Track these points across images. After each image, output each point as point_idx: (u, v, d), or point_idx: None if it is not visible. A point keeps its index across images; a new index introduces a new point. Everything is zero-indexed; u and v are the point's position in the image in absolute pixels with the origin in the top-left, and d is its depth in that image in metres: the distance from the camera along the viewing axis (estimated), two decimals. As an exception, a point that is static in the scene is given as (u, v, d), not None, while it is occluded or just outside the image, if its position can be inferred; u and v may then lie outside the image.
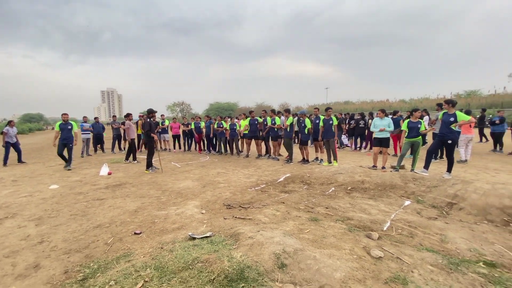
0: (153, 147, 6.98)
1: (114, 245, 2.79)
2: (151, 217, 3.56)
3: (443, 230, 3.14)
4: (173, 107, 61.36)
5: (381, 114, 6.45)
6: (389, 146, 6.57)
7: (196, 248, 2.45)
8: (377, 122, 6.47)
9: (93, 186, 5.41)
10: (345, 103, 43.66)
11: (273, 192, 4.72)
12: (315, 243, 2.46)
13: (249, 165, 7.42)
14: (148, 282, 2.02)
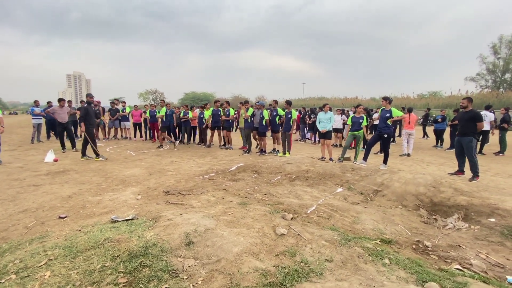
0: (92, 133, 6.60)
1: (33, 229, 2.76)
2: (83, 202, 3.53)
3: (359, 213, 3.49)
4: (145, 95, 58.90)
5: (326, 108, 6.82)
6: (330, 138, 6.98)
7: (113, 230, 2.51)
8: (321, 116, 6.84)
9: (34, 172, 5.17)
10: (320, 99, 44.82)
11: (220, 180, 4.85)
12: (230, 223, 2.63)
13: (207, 155, 7.49)
14: (52, 260, 2.06)
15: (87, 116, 6.31)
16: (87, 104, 6.53)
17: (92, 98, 6.71)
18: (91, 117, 6.46)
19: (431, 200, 3.80)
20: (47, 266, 1.98)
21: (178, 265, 1.99)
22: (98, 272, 1.90)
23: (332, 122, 6.73)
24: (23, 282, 1.80)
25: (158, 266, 1.94)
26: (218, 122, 8.64)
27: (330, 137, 6.82)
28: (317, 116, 6.98)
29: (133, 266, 1.92)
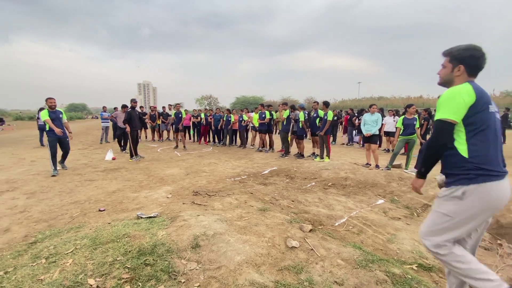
0: (136, 136, 7.13)
1: (76, 219, 3.14)
2: (122, 198, 3.89)
3: (398, 230, 3.01)
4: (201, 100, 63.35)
5: (372, 109, 6.14)
6: (377, 143, 6.25)
7: (134, 226, 2.67)
8: (366, 118, 6.19)
9: (93, 169, 5.97)
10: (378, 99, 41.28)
11: (250, 184, 4.81)
12: (242, 230, 2.54)
13: (244, 157, 7.55)
14: (78, 249, 2.28)
15: (130, 119, 6.97)
16: (131, 108, 7.19)
17: (136, 103, 7.38)
18: (134, 120, 7.03)
19: (498, 220, 3.04)
20: (72, 255, 2.20)
21: (179, 267, 1.99)
22: (109, 265, 2.02)
23: (379, 125, 6.05)
24: (49, 267, 2.03)
25: (160, 266, 1.97)
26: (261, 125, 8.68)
27: (376, 141, 6.15)
28: (362, 118, 6.37)
29: (138, 263, 1.99)
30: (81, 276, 1.91)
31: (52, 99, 5.50)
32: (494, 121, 1.46)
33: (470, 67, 1.53)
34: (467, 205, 1.40)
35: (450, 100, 1.44)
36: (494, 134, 1.44)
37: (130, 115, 7.02)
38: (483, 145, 1.41)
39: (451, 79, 1.59)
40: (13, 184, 4.68)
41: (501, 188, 1.40)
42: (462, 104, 1.41)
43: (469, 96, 1.42)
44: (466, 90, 1.43)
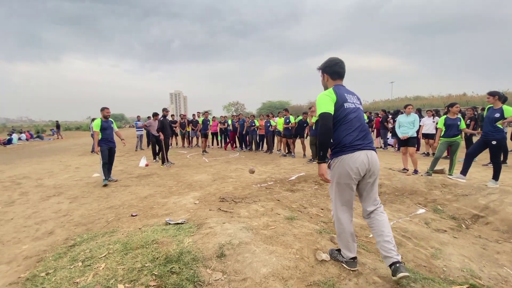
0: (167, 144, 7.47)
1: (111, 223, 3.30)
2: (153, 203, 4.03)
3: (443, 244, 2.70)
4: (228, 107, 64.81)
5: (408, 110, 5.66)
6: (415, 146, 5.73)
7: (163, 232, 2.72)
8: (401, 120, 5.72)
9: (128, 175, 6.32)
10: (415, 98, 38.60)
11: (277, 190, 4.71)
12: (268, 239, 2.44)
13: (271, 163, 7.46)
14: (111, 253, 2.37)
15: (163, 128, 7.29)
16: (163, 117, 7.55)
17: (167, 112, 7.74)
18: (166, 129, 7.39)
19: None
20: (105, 259, 2.28)
21: (205, 277, 1.96)
22: (138, 271, 2.06)
23: (416, 126, 5.58)
24: (84, 270, 2.13)
25: (185, 275, 1.95)
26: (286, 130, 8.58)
27: (414, 144, 5.67)
28: (397, 120, 5.93)
29: (165, 271, 2.00)
30: (112, 281, 1.96)
31: (107, 109, 5.63)
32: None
33: (330, 74, 2.13)
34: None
35: (322, 100, 1.98)
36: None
37: (163, 124, 7.36)
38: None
39: (326, 85, 2.20)
40: (59, 189, 5.10)
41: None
42: (329, 102, 1.97)
43: (332, 96, 1.99)
44: (329, 93, 2.01)
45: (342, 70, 2.09)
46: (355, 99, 2.07)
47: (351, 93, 2.10)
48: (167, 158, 7.50)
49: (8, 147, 14.88)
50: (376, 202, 2.01)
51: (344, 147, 1.91)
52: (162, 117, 7.54)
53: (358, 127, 1.96)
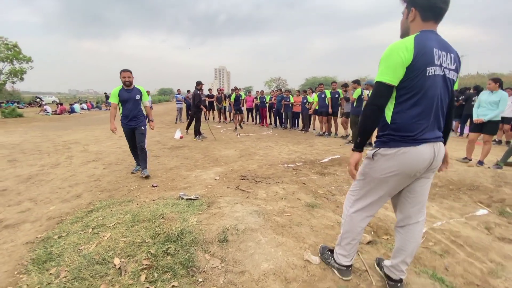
0: (200, 117, 7.42)
1: (132, 192, 3.35)
2: (176, 175, 4.01)
3: (508, 259, 2.09)
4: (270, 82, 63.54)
5: (492, 85, 4.48)
6: (495, 133, 4.61)
7: (173, 207, 2.62)
8: (483, 97, 4.58)
9: (162, 146, 6.51)
10: (489, 75, 32.42)
11: (304, 172, 4.32)
12: (279, 228, 2.15)
13: (304, 142, 6.97)
14: (119, 223, 2.35)
15: (200, 101, 7.25)
16: (197, 90, 7.43)
17: (201, 86, 7.57)
18: (201, 101, 7.39)
19: None
20: (112, 228, 2.27)
21: (201, 262, 1.78)
22: (137, 246, 1.97)
23: (501, 108, 4.34)
24: (91, 238, 2.13)
25: (180, 258, 1.80)
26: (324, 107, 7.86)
27: (492, 131, 4.48)
28: (477, 99, 4.75)
29: (160, 251, 1.87)
30: (111, 253, 1.91)
31: (126, 71, 3.80)
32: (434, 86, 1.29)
33: (423, 8, 1.30)
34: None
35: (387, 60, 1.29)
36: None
37: (200, 97, 7.35)
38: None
39: (407, 28, 1.39)
40: (99, 155, 5.48)
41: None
42: (398, 65, 1.26)
43: (407, 53, 1.24)
44: (405, 45, 1.25)
45: (444, 5, 1.27)
46: (448, 60, 1.30)
47: (445, 47, 1.30)
48: (200, 131, 7.54)
49: (72, 115, 16.89)
50: (424, 211, 1.50)
51: (405, 137, 1.30)
52: (197, 90, 7.46)
53: (436, 110, 1.32)
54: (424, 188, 1.43)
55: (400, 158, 1.31)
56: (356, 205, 1.53)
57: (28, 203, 3.01)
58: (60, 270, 1.77)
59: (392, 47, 1.27)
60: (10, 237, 2.26)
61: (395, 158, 1.32)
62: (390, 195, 1.46)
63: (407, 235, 1.48)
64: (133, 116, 3.93)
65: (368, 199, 1.48)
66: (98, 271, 1.72)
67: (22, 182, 3.73)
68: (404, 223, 1.49)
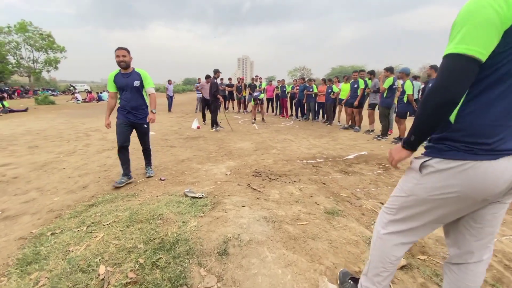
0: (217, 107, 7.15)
1: (138, 185, 3.18)
2: (186, 168, 3.79)
3: None
4: (293, 72, 61.94)
5: None
6: None
7: (175, 206, 2.38)
8: None
9: (179, 136, 6.37)
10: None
11: (325, 170, 3.89)
12: (291, 242, 1.80)
13: (327, 136, 6.46)
14: (115, 222, 2.16)
15: (217, 90, 6.96)
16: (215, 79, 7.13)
17: (219, 74, 7.25)
18: (218, 91, 7.06)
19: None
20: (108, 228, 2.07)
21: (194, 280, 1.50)
22: (127, 252, 1.75)
23: None
24: (83, 238, 1.94)
25: (170, 272, 1.53)
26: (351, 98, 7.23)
27: None
28: None
29: (150, 261, 1.62)
30: (98, 259, 1.69)
31: (121, 49, 2.91)
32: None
33: None
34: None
35: (473, 17, 0.80)
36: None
37: (217, 86, 7.06)
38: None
39: None
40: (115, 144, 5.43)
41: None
42: (493, 25, 0.78)
43: (506, 6, 0.77)
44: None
45: None
46: None
47: None
48: (217, 122, 7.30)
49: (99, 103, 17.56)
50: (492, 246, 1.08)
51: (477, 145, 0.88)
52: (214, 79, 7.16)
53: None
54: (497, 216, 0.99)
55: (465, 176, 0.89)
56: (391, 227, 1.13)
57: (34, 193, 2.94)
58: (40, 276, 1.59)
59: (479, 1, 0.80)
60: (5, 231, 2.15)
61: (458, 176, 0.90)
62: (442, 222, 1.05)
63: (464, 277, 1.06)
64: (132, 108, 3.07)
65: (408, 223, 1.08)
66: (79, 281, 1.51)
67: (35, 170, 3.72)
68: (461, 260, 1.07)
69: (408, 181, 1.06)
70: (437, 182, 0.95)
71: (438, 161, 0.94)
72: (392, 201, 1.14)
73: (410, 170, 1.07)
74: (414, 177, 1.02)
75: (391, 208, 1.14)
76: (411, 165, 1.06)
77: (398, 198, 1.10)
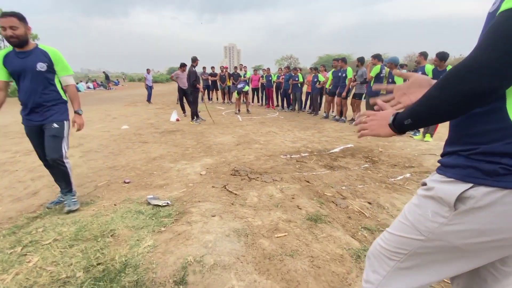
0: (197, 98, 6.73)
1: (97, 190, 2.79)
2: (156, 168, 3.42)
3: None
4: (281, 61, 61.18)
5: None
6: None
7: (132, 218, 2.02)
8: None
9: (154, 129, 5.91)
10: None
11: (310, 165, 3.62)
12: (265, 262, 1.51)
13: (312, 127, 6.19)
14: (57, 240, 1.79)
15: (196, 79, 6.48)
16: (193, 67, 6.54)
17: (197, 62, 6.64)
18: (198, 80, 6.57)
19: None
20: (45, 249, 1.70)
21: (140, 323, 1.18)
22: (61, 284, 1.40)
23: None
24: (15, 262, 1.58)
25: (109, 315, 1.20)
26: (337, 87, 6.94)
27: None
28: None
29: (86, 298, 1.28)
30: (22, 295, 1.34)
31: (7, 17, 1.95)
32: None
33: None
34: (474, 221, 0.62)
35: None
36: None
37: (196, 75, 6.54)
38: None
39: None
40: (82, 140, 4.94)
41: None
42: None
43: None
44: None
45: None
46: None
47: None
48: (198, 114, 6.87)
49: (75, 95, 16.50)
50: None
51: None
52: (192, 67, 6.58)
53: None
54: None
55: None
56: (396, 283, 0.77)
57: (-29, 203, 2.49)
58: None
59: None
60: None
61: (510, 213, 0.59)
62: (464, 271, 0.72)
63: None
64: (35, 105, 2.12)
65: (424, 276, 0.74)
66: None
67: (-20, 173, 3.24)
68: None
69: (425, 216, 0.70)
70: (483, 224, 0.61)
71: (488, 191, 0.60)
72: (399, 243, 0.76)
73: (428, 200, 0.71)
74: (439, 213, 0.67)
75: (398, 253, 0.76)
76: (432, 193, 0.69)
77: (409, 240, 0.73)
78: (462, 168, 0.65)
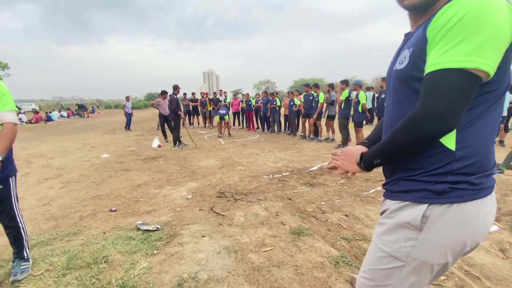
0: (179, 124, 6.92)
1: (83, 220, 2.79)
2: (142, 195, 3.47)
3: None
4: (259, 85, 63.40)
5: None
6: None
7: (123, 244, 2.09)
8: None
9: (136, 156, 5.92)
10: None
11: (291, 184, 3.85)
12: (254, 274, 1.65)
13: (292, 148, 6.53)
14: (49, 271, 1.81)
15: (177, 106, 6.72)
16: (175, 95, 6.88)
17: (178, 90, 7.03)
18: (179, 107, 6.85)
19: None
20: (38, 279, 1.73)
21: None
22: (58, 312, 1.44)
23: None
24: (0, 299, 1.58)
25: (111, 334, 1.27)
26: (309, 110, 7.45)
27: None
28: None
29: (86, 321, 1.35)
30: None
31: None
32: None
33: None
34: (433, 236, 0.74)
35: (487, 24, 0.61)
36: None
37: (177, 102, 6.80)
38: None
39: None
40: (61, 170, 4.84)
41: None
42: (505, 35, 0.63)
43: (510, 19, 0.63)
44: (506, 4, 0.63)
45: None
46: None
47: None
48: (180, 139, 6.98)
49: (48, 124, 15.90)
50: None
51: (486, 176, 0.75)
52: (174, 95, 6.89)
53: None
54: None
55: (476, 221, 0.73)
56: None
57: None
58: None
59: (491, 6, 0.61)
60: None
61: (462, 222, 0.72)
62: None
63: None
64: None
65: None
66: None
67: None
68: None
69: (398, 243, 0.78)
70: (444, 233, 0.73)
71: (442, 208, 0.72)
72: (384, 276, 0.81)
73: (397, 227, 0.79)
74: (409, 236, 0.76)
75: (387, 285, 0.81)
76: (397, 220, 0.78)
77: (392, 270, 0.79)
78: (416, 191, 0.75)
